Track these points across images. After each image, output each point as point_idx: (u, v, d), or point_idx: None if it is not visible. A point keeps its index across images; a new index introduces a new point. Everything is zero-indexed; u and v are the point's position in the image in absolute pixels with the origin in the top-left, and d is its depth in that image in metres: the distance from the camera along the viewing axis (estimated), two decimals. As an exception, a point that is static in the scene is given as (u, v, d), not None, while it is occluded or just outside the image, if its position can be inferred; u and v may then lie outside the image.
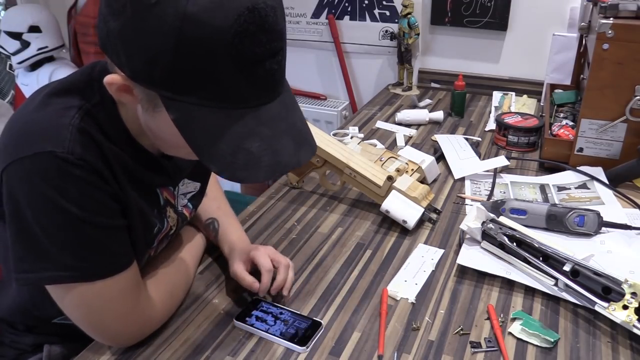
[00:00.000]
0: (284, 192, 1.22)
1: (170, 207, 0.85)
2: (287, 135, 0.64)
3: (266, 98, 0.62)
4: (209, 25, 0.55)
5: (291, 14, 2.10)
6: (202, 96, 0.58)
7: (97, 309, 0.71)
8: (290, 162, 0.63)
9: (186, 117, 0.59)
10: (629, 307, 0.77)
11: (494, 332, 0.79)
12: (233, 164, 0.60)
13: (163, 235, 0.85)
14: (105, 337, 0.75)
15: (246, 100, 0.60)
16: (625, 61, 1.11)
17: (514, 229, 0.93)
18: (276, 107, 0.63)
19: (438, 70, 1.94)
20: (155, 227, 0.81)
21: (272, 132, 0.62)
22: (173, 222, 0.86)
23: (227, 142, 0.60)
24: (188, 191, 0.89)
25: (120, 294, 0.72)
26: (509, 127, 1.39)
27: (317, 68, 2.18)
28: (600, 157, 1.22)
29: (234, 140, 0.60)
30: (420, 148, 1.38)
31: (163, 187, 0.82)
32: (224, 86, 0.58)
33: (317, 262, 0.97)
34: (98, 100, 0.69)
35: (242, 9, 0.55)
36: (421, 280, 0.91)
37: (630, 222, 1.03)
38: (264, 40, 0.58)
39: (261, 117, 0.61)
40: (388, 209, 1.05)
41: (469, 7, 1.78)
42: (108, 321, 0.73)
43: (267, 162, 0.61)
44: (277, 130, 0.63)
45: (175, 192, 0.86)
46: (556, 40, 1.62)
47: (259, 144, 0.61)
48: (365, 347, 0.78)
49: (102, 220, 0.68)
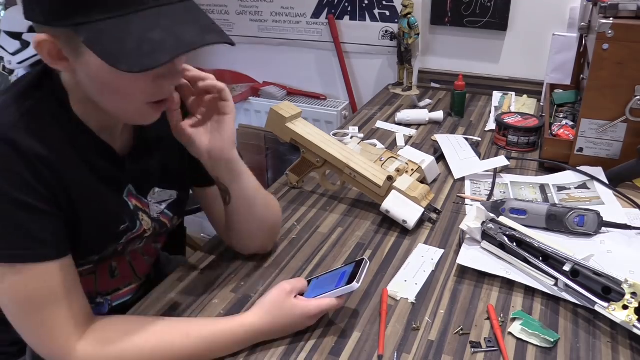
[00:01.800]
0: (284, 192, 1.22)
1: (143, 212, 0.85)
2: (189, 23, 0.66)
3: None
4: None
5: (291, 14, 2.10)
6: (101, 10, 0.62)
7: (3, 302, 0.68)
8: (195, 41, 0.65)
9: (94, 35, 0.62)
10: (629, 307, 0.77)
11: (494, 332, 0.79)
12: (140, 55, 0.62)
13: (136, 236, 0.85)
14: (29, 342, 0.71)
15: (143, 0, 0.63)
16: (625, 61, 1.11)
17: (514, 229, 0.93)
18: (179, 9, 0.66)
19: (438, 70, 1.94)
20: (123, 224, 0.81)
21: (172, 21, 0.64)
22: (148, 226, 0.86)
23: (131, 41, 0.62)
24: (163, 199, 0.89)
25: (33, 292, 0.67)
26: (509, 127, 1.39)
27: (317, 68, 2.18)
28: (600, 157, 1.22)
29: (137, 34, 0.62)
30: (420, 148, 1.38)
31: (131, 196, 0.83)
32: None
33: (317, 262, 0.97)
34: (45, 94, 0.71)
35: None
36: (421, 280, 0.91)
37: (630, 222, 1.03)
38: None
39: (162, 13, 0.64)
40: (388, 209, 1.05)
41: (469, 7, 1.78)
42: (17, 322, 0.69)
43: (171, 44, 0.63)
44: (179, 21, 0.65)
45: (147, 200, 0.86)
46: (556, 40, 1.62)
47: (160, 32, 0.63)
48: (365, 347, 0.78)
49: (22, 198, 0.66)
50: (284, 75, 2.26)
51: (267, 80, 2.30)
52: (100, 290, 0.88)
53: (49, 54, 0.66)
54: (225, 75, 2.31)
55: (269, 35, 2.19)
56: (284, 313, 0.77)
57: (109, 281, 0.89)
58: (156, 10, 0.64)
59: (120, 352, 0.71)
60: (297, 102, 2.15)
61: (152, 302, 0.87)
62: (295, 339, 0.79)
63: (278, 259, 0.98)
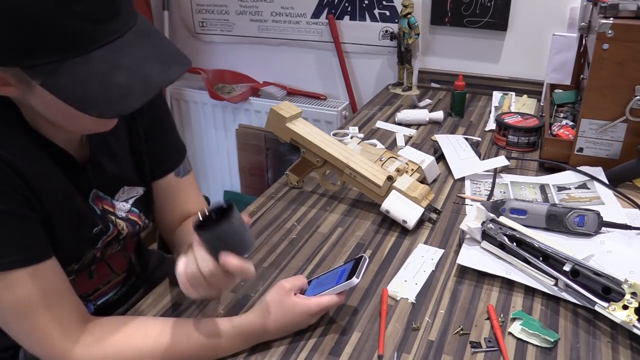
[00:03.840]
0: (284, 192, 1.22)
1: (111, 215, 0.85)
2: (150, 58, 0.64)
3: (117, 32, 0.63)
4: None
5: (291, 14, 2.10)
6: (54, 52, 0.59)
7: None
8: (162, 80, 0.64)
9: (50, 78, 0.60)
10: (629, 307, 0.77)
11: (494, 332, 0.79)
12: (109, 101, 0.61)
13: (111, 239, 0.85)
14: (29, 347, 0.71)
15: (96, 39, 0.61)
16: (625, 61, 1.11)
17: (514, 229, 0.93)
18: (130, 38, 0.64)
19: (438, 70, 1.94)
20: (96, 227, 0.81)
21: (132, 59, 0.63)
22: (121, 227, 0.86)
23: (95, 84, 0.60)
24: (130, 196, 0.88)
25: (23, 298, 0.67)
26: (509, 127, 1.39)
27: (317, 68, 2.18)
28: (600, 157, 1.22)
29: (101, 78, 0.60)
30: (420, 148, 1.38)
31: (97, 199, 0.82)
32: (66, 32, 0.59)
33: (317, 262, 0.97)
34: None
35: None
36: (421, 280, 0.91)
37: (630, 222, 1.03)
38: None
39: (118, 50, 0.62)
40: (388, 209, 1.05)
41: (469, 7, 1.78)
42: (12, 329, 0.69)
43: (139, 87, 0.62)
44: (137, 57, 0.63)
45: (114, 201, 0.86)
46: (556, 40, 1.62)
47: (124, 74, 0.61)
48: (365, 347, 0.78)
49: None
50: (284, 75, 2.26)
51: (267, 80, 2.30)
52: (81, 293, 0.87)
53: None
54: (225, 75, 2.32)
55: (269, 35, 2.19)
56: (285, 312, 0.77)
57: (88, 282, 0.89)
58: (110, 46, 0.62)
59: (119, 353, 0.71)
60: (297, 102, 2.15)
61: (152, 302, 0.87)
62: (295, 338, 0.79)
63: (278, 259, 0.98)
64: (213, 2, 2.22)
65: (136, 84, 0.62)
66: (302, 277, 0.83)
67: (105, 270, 0.92)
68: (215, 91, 2.24)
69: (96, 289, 0.91)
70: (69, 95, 0.60)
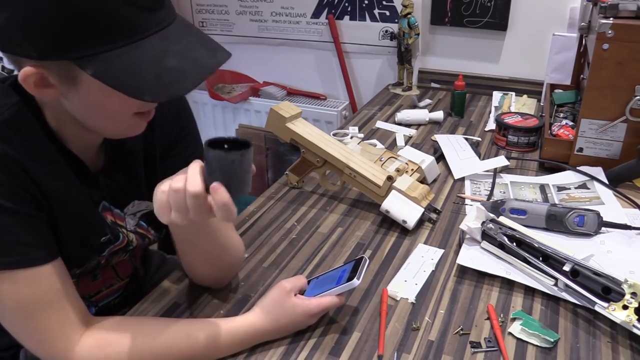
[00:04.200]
0: (284, 192, 1.22)
1: (120, 227, 0.85)
2: (196, 44, 0.66)
3: (164, 21, 0.65)
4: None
5: (291, 14, 2.11)
6: (105, 40, 0.60)
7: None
8: (211, 64, 0.65)
9: (102, 67, 0.60)
10: (629, 307, 0.77)
11: (494, 332, 0.79)
12: (163, 86, 0.62)
13: (119, 248, 0.85)
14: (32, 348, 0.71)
15: (147, 27, 0.62)
16: (625, 61, 1.11)
17: (514, 229, 0.93)
18: (178, 28, 0.66)
19: (438, 70, 1.94)
20: (104, 236, 0.81)
21: (181, 46, 0.64)
22: (131, 239, 0.87)
23: (147, 70, 0.61)
24: (139, 210, 0.88)
25: (28, 297, 0.67)
26: (509, 127, 1.39)
27: (317, 68, 2.18)
28: (600, 157, 1.22)
29: (153, 64, 0.62)
30: (420, 148, 1.38)
31: (105, 211, 0.83)
32: (119, 20, 0.60)
33: (317, 262, 0.97)
34: (20, 107, 0.70)
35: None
36: (421, 280, 0.91)
37: (630, 222, 1.03)
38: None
39: (168, 37, 0.64)
40: (388, 209, 1.05)
41: (469, 7, 1.78)
42: (14, 329, 0.69)
43: (191, 71, 0.63)
44: (187, 43, 0.65)
45: (123, 214, 0.86)
46: (556, 40, 1.62)
47: (176, 58, 0.63)
48: (365, 347, 0.78)
49: (6, 204, 0.65)
50: (284, 75, 2.26)
51: (267, 80, 2.30)
52: (83, 294, 0.87)
53: (35, 85, 0.64)
54: (225, 75, 2.32)
55: (269, 35, 2.19)
56: (285, 312, 0.77)
57: (91, 284, 0.89)
58: (158, 35, 0.63)
59: (119, 353, 0.71)
60: (297, 102, 2.15)
61: (152, 302, 0.87)
62: (295, 338, 0.79)
63: (278, 259, 0.98)
64: (213, 2, 2.22)
65: (188, 67, 0.63)
66: (302, 278, 0.83)
67: (110, 274, 0.92)
68: (215, 91, 2.24)
69: (98, 291, 0.91)
70: (122, 83, 0.61)
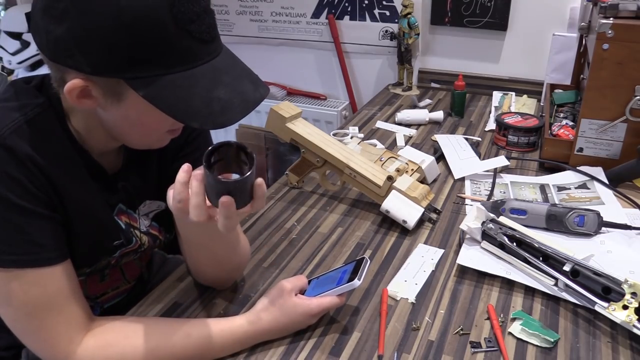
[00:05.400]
0: (284, 192, 1.22)
1: (134, 229, 0.85)
2: (243, 77, 0.70)
3: (214, 52, 0.68)
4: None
5: (291, 14, 2.11)
6: (160, 65, 0.62)
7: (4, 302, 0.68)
8: (255, 98, 0.69)
9: (155, 90, 0.62)
10: (629, 307, 0.77)
11: (494, 332, 0.79)
12: (211, 114, 0.64)
13: (130, 250, 0.85)
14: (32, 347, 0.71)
15: (200, 56, 0.65)
16: (625, 61, 1.11)
17: (514, 229, 0.93)
18: (225, 58, 0.69)
19: (438, 70, 1.94)
20: (117, 240, 0.81)
21: (231, 78, 0.68)
22: (144, 241, 0.87)
23: (198, 98, 0.64)
24: (150, 210, 0.89)
25: (34, 297, 0.67)
26: (509, 127, 1.39)
27: (317, 68, 2.18)
28: (600, 157, 1.22)
29: (203, 93, 0.64)
30: (420, 148, 1.38)
31: (121, 213, 0.83)
32: (177, 48, 0.63)
33: (317, 262, 0.97)
34: (45, 108, 0.71)
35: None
36: (421, 280, 0.91)
37: (630, 222, 1.03)
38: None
39: (218, 68, 0.67)
40: (388, 209, 1.05)
41: (469, 7, 1.78)
42: (18, 327, 0.69)
43: (238, 103, 0.66)
44: (235, 75, 0.69)
45: (137, 215, 0.86)
46: (556, 40, 1.62)
47: (225, 90, 0.66)
48: (365, 347, 0.78)
49: (22, 203, 0.66)
50: (284, 75, 2.26)
51: (267, 80, 2.30)
52: (89, 294, 0.88)
53: (78, 97, 0.65)
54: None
55: (269, 35, 2.19)
56: (285, 312, 0.77)
57: (98, 284, 0.89)
58: (209, 65, 0.66)
59: (120, 354, 0.71)
60: (297, 102, 2.15)
61: (152, 302, 0.87)
62: (295, 338, 0.79)
63: (278, 259, 0.98)
64: (213, 2, 2.22)
65: (235, 99, 0.66)
66: (302, 278, 0.83)
67: (117, 275, 0.93)
68: (215, 91, 2.24)
69: (104, 293, 0.92)
70: (172, 107, 0.63)
